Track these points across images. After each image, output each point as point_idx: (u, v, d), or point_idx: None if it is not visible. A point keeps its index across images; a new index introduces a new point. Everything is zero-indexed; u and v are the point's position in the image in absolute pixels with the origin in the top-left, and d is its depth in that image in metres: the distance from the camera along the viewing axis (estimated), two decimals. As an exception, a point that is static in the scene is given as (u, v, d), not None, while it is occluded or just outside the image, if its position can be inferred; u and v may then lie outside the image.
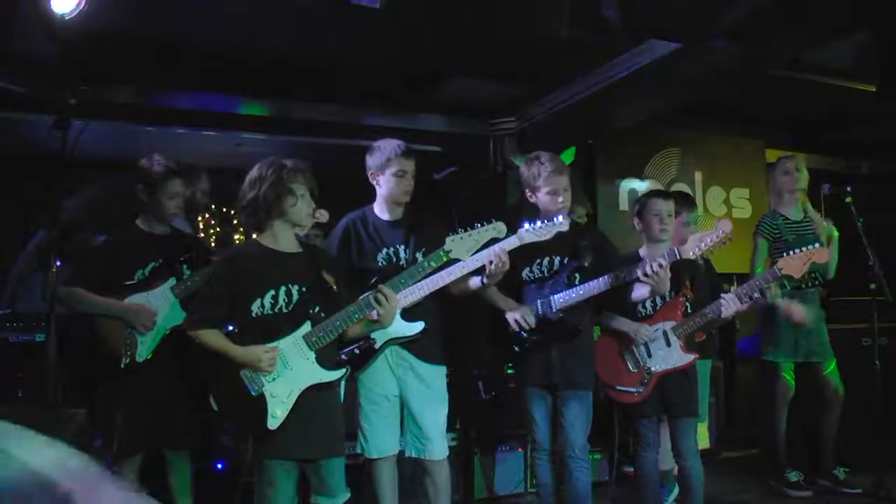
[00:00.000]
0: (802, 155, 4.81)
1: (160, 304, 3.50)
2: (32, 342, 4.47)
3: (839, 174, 6.96)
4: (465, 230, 3.08)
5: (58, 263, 3.39)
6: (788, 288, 4.44)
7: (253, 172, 2.98)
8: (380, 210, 3.59)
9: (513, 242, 3.30)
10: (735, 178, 6.65)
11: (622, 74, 4.85)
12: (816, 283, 4.58)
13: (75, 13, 3.41)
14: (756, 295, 3.82)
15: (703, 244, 3.51)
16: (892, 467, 4.44)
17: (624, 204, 6.16)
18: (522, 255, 3.44)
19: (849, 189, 4.45)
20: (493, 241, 3.17)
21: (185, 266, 3.62)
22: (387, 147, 3.49)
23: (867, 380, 4.64)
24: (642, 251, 3.85)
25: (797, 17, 3.90)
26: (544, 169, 3.59)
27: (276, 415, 2.83)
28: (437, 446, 3.45)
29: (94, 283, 3.48)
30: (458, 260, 3.17)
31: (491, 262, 3.27)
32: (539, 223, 3.31)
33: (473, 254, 3.16)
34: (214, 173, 4.69)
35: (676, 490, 4.19)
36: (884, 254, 4.51)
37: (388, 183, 3.50)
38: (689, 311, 3.75)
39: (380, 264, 3.47)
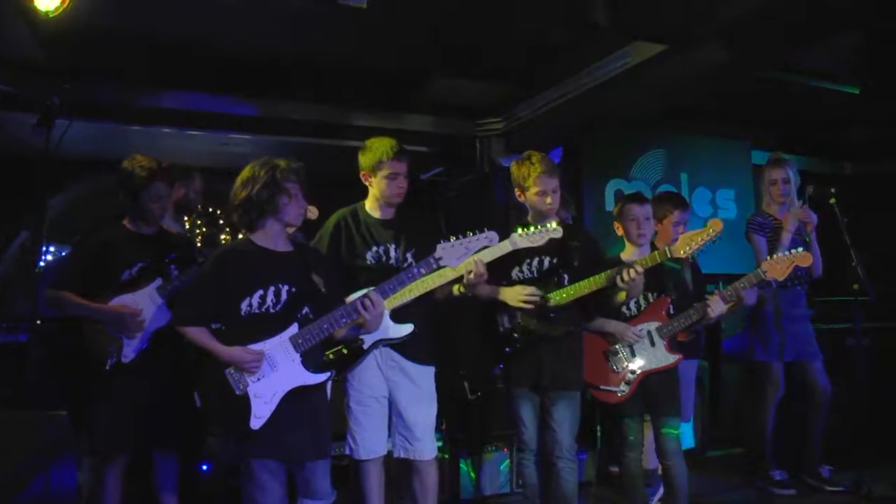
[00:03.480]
0: (788, 161, 4.81)
1: (146, 305, 3.48)
2: (16, 343, 4.44)
3: (823, 175, 7.02)
4: (457, 238, 3.06)
5: (41, 264, 3.36)
6: (773, 286, 4.47)
7: (245, 172, 2.97)
8: (371, 208, 3.57)
9: (505, 248, 3.30)
10: (721, 179, 6.68)
11: (609, 75, 4.87)
12: (801, 280, 4.62)
13: (60, 11, 3.38)
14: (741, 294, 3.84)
15: (693, 244, 3.55)
16: (873, 465, 4.47)
17: (610, 204, 6.17)
18: (513, 255, 3.43)
19: (833, 190, 4.48)
20: (485, 249, 3.17)
21: (172, 266, 3.61)
22: (379, 148, 3.46)
23: (850, 379, 4.68)
24: (623, 254, 3.86)
25: (783, 19, 3.92)
26: (535, 169, 3.59)
27: (259, 415, 2.82)
28: (426, 446, 3.45)
29: (81, 285, 3.45)
30: (446, 266, 3.15)
31: (470, 272, 3.27)
32: (532, 228, 3.31)
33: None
34: (201, 173, 4.68)
35: (662, 489, 4.20)
36: (867, 254, 4.54)
37: (379, 184, 3.48)
38: (673, 311, 3.77)
39: (369, 262, 3.46)
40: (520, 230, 3.30)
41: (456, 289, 3.47)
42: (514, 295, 3.54)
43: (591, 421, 4.37)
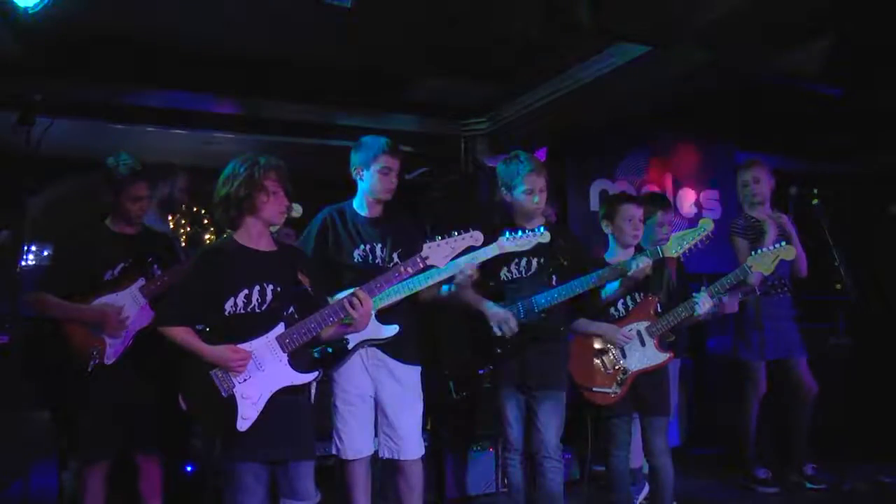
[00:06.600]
0: (757, 162, 4.84)
1: (129, 306, 3.45)
2: (-2, 344, 4.38)
3: (807, 176, 7.06)
4: (442, 237, 3.06)
5: (22, 264, 3.32)
6: (757, 293, 4.51)
7: (227, 169, 2.94)
8: (359, 206, 3.57)
9: (492, 251, 3.31)
10: (706, 179, 6.71)
11: (594, 76, 4.88)
12: (784, 288, 4.66)
13: (40, 7, 3.35)
14: (729, 296, 3.86)
15: (685, 243, 3.56)
16: (855, 464, 4.52)
17: (595, 205, 6.18)
18: (501, 255, 3.43)
19: (815, 191, 4.51)
20: (470, 249, 3.16)
21: (154, 266, 3.58)
22: (374, 143, 3.48)
23: (832, 378, 4.72)
24: (609, 255, 3.86)
25: (766, 20, 3.95)
26: (523, 168, 3.60)
27: (246, 416, 2.79)
28: (412, 446, 3.44)
29: (64, 286, 3.42)
30: (433, 266, 3.15)
31: (461, 272, 3.28)
32: (520, 233, 3.31)
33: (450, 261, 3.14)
34: (185, 171, 4.66)
35: (646, 488, 4.22)
36: (850, 255, 4.58)
37: (371, 179, 3.49)
38: (661, 310, 3.77)
39: (355, 260, 3.45)
40: (508, 234, 3.31)
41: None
42: (499, 319, 3.53)
43: (580, 421, 4.37)
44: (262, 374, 2.83)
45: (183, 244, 6.06)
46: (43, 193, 5.42)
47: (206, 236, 6.77)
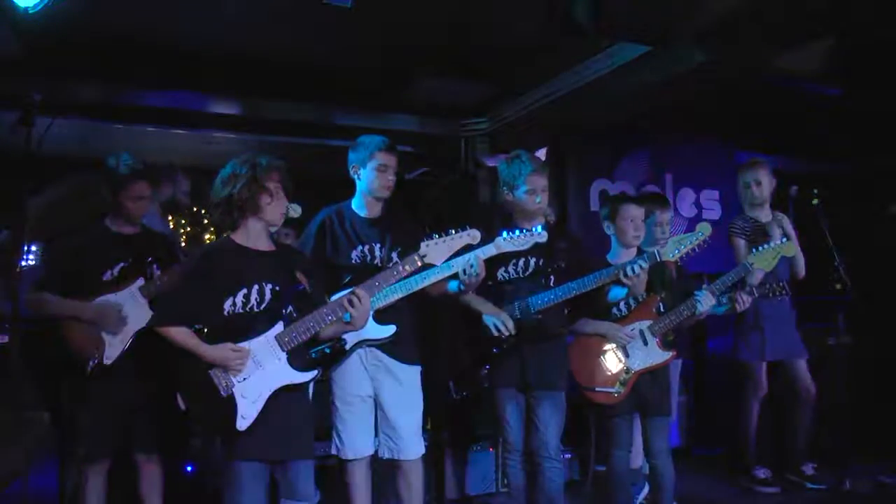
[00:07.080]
0: (760, 163, 4.84)
1: (129, 305, 3.45)
2: (-2, 343, 4.39)
3: (807, 176, 7.06)
4: (440, 235, 3.06)
5: (22, 264, 3.32)
6: (756, 295, 4.51)
7: (226, 170, 2.94)
8: (358, 206, 3.58)
9: (489, 251, 3.31)
10: (705, 179, 6.71)
11: (594, 76, 4.88)
12: (783, 291, 4.65)
13: (40, 7, 3.35)
14: (726, 297, 3.86)
15: (683, 248, 3.55)
16: (854, 463, 4.52)
17: (594, 205, 6.18)
18: (498, 255, 3.43)
19: (815, 191, 4.51)
20: (468, 247, 3.16)
21: (154, 266, 3.57)
22: (370, 141, 3.51)
23: (832, 378, 4.71)
24: (611, 255, 3.86)
25: (766, 20, 3.95)
26: (525, 168, 3.60)
27: (246, 416, 2.79)
28: (412, 446, 3.44)
29: (62, 286, 3.42)
30: (431, 264, 3.15)
31: (464, 272, 3.28)
32: (518, 232, 3.31)
33: (447, 259, 3.14)
34: (187, 173, 4.66)
35: (647, 488, 4.22)
36: (849, 255, 4.58)
37: (368, 177, 3.50)
38: (662, 309, 3.77)
39: (354, 261, 3.46)
40: (505, 234, 3.30)
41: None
42: (490, 321, 3.52)
43: (580, 421, 4.37)
44: (261, 373, 2.83)
45: (183, 244, 6.06)
46: (43, 193, 5.43)
47: (206, 236, 6.77)
